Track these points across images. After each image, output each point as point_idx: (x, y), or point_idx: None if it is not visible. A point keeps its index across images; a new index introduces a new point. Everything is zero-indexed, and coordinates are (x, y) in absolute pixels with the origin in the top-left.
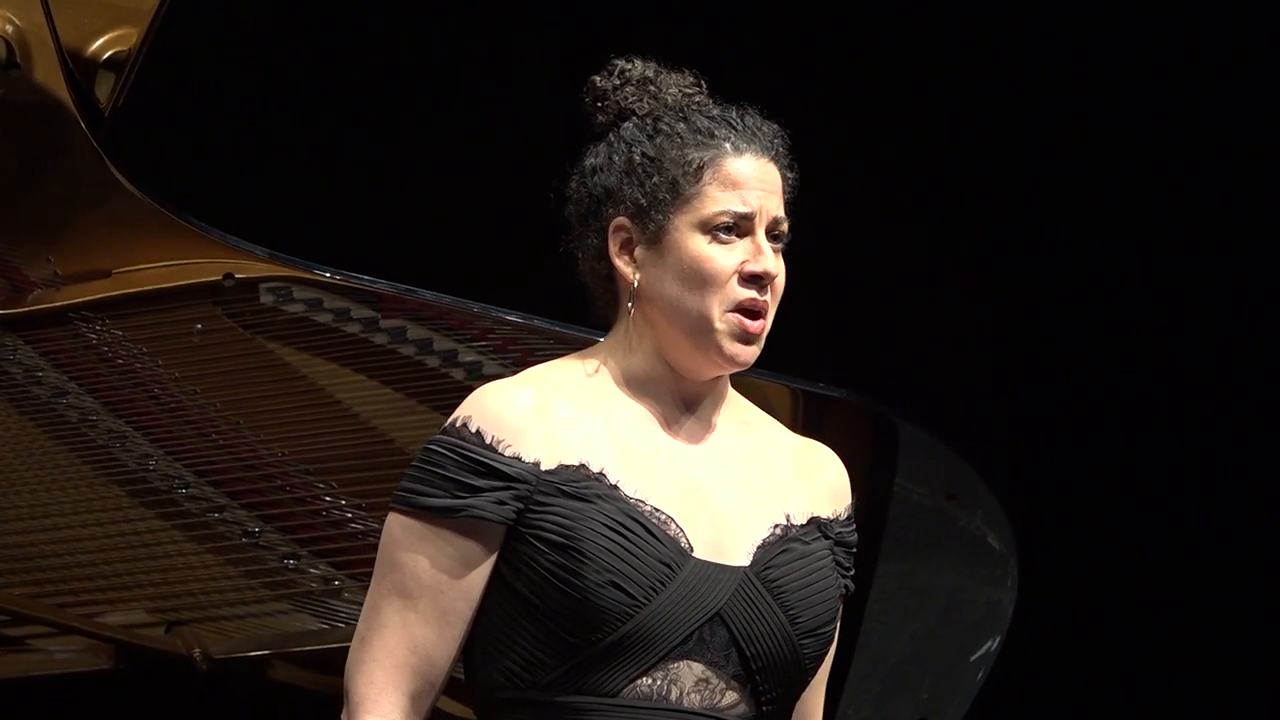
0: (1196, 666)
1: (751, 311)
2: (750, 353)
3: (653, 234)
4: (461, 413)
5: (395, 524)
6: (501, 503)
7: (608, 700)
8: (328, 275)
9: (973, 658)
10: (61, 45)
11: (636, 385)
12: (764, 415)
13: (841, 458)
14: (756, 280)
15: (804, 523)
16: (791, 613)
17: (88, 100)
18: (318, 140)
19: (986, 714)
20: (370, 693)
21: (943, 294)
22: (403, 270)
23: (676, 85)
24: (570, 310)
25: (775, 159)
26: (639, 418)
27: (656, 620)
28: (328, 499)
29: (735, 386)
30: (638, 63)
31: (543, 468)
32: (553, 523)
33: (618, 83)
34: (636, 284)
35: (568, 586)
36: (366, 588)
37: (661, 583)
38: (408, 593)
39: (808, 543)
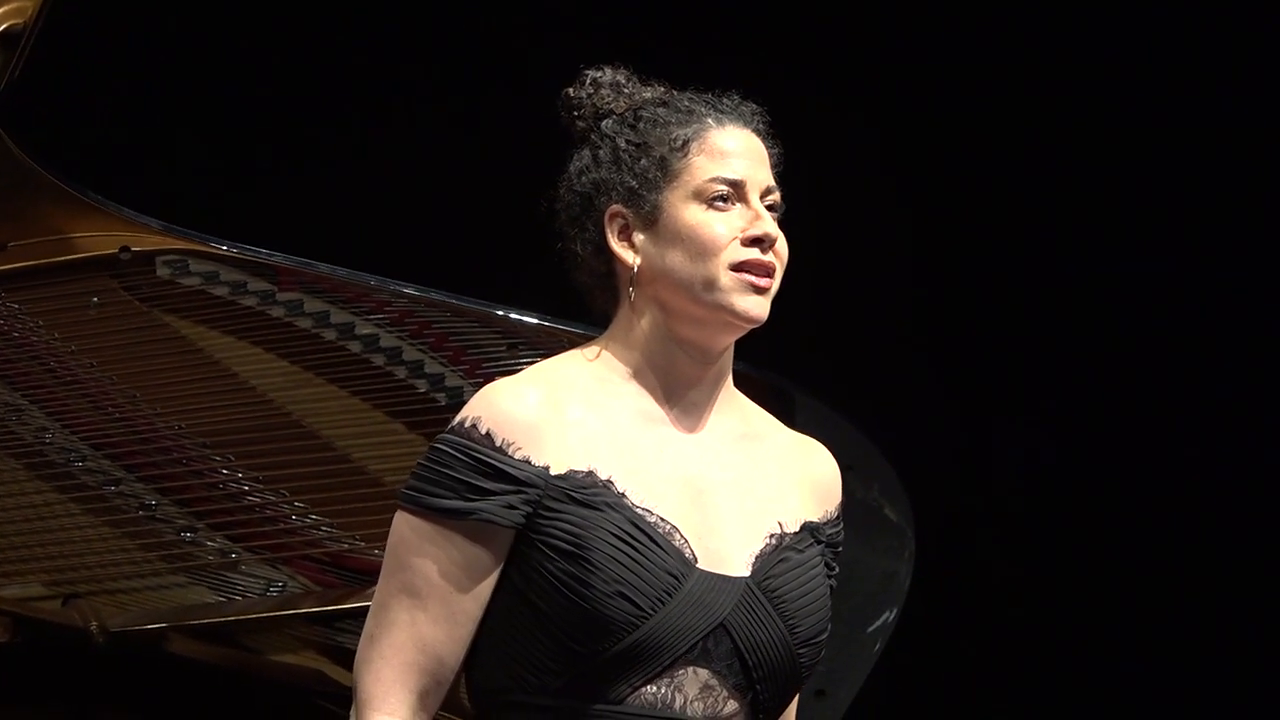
0: (1092, 638)
1: (756, 269)
2: (761, 305)
3: (648, 214)
4: (470, 412)
5: (403, 523)
6: (511, 507)
7: (613, 707)
8: (224, 248)
9: (870, 629)
10: None
11: (639, 373)
12: (760, 410)
13: None
14: (757, 243)
15: (797, 530)
16: (790, 622)
17: None
18: (213, 112)
19: (883, 686)
20: (378, 690)
21: (843, 265)
22: (300, 243)
23: (649, 90)
24: (466, 281)
25: (757, 132)
26: (642, 413)
27: (662, 631)
28: (225, 472)
29: None
30: (607, 69)
31: (552, 472)
32: (563, 530)
33: (591, 90)
34: (637, 268)
35: (575, 595)
36: (264, 560)
37: (668, 593)
38: (416, 592)
39: (801, 550)
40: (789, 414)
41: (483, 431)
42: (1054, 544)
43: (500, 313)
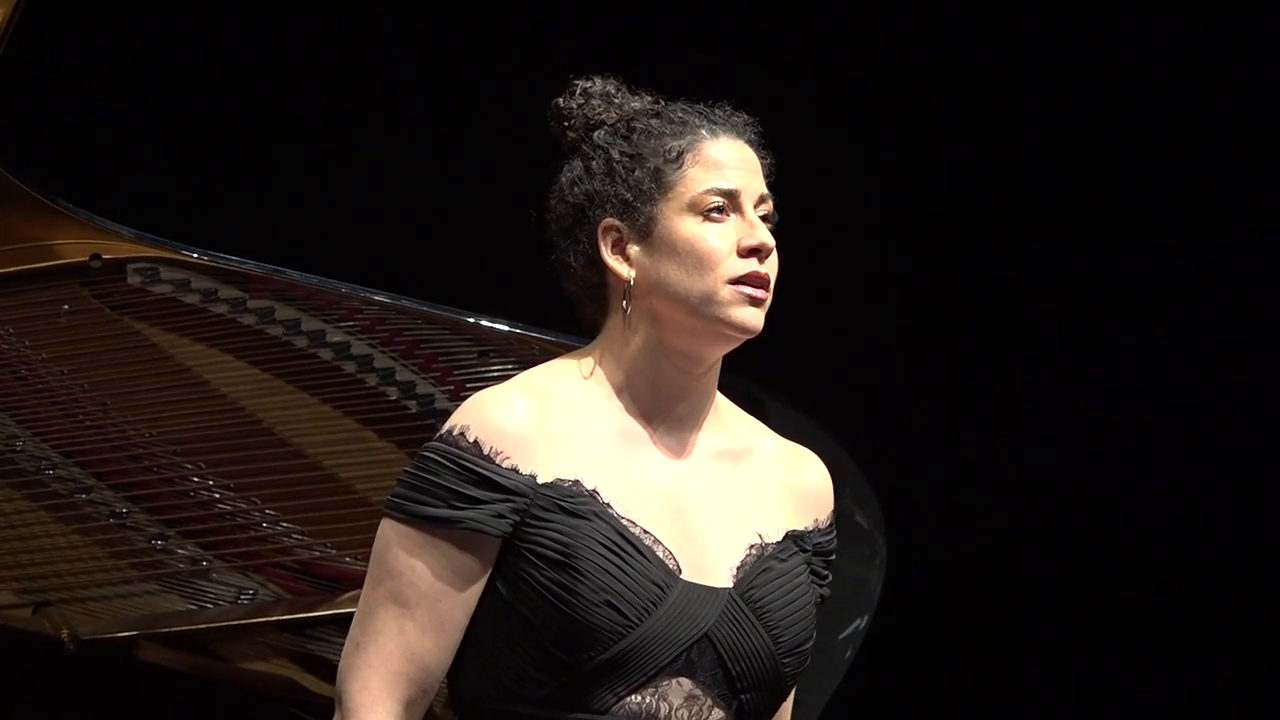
0: (1066, 647)
1: (754, 281)
2: (757, 317)
3: (643, 227)
4: (458, 421)
5: (390, 530)
6: (500, 516)
7: (597, 716)
8: (195, 255)
9: (841, 636)
10: None
11: (629, 385)
12: (750, 420)
13: None
14: (755, 252)
15: (779, 540)
16: (774, 632)
17: None
18: (185, 121)
19: (855, 693)
20: (365, 700)
21: (816, 271)
22: (271, 251)
23: (639, 101)
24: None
25: (750, 142)
26: (627, 427)
27: (648, 641)
28: (195, 479)
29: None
30: (597, 80)
31: (539, 481)
32: (550, 539)
33: (581, 100)
34: (632, 281)
35: (563, 604)
36: (234, 568)
37: (654, 603)
38: (404, 601)
39: (784, 559)
40: (760, 420)
41: (470, 440)
42: (1027, 552)
43: (471, 320)
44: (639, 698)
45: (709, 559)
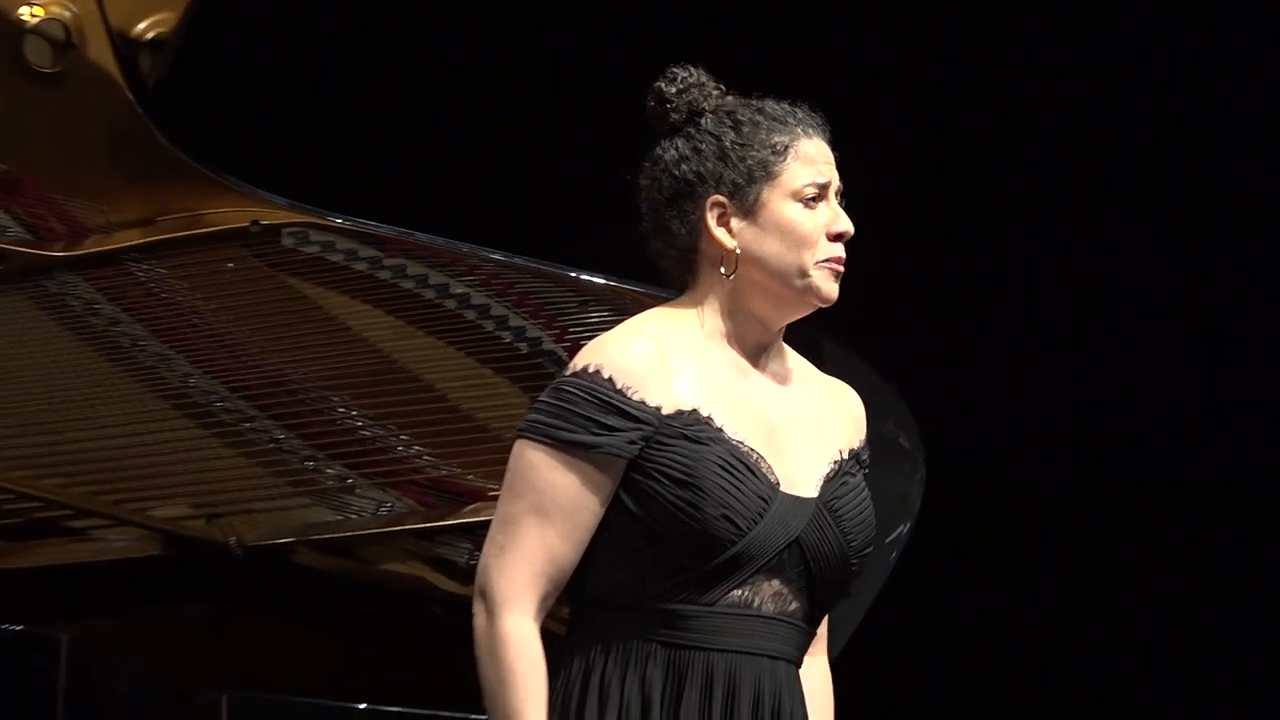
0: (1080, 568)
1: (837, 262)
2: (836, 290)
3: (750, 206)
4: (591, 359)
5: (531, 451)
6: (632, 442)
7: (705, 608)
8: (339, 221)
9: (886, 540)
10: (110, 27)
11: (726, 337)
12: (802, 360)
13: None
14: (840, 238)
15: (848, 457)
16: (849, 537)
17: (134, 74)
18: (331, 106)
19: (899, 589)
20: (513, 594)
21: (857, 207)
22: (402, 216)
23: (716, 88)
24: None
25: (828, 141)
26: (728, 365)
27: (754, 546)
28: (341, 410)
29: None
30: (690, 69)
31: (663, 412)
32: (676, 461)
33: (681, 87)
34: (738, 252)
35: (688, 518)
36: (374, 484)
37: (760, 514)
38: (545, 512)
39: (854, 475)
40: (819, 359)
41: (605, 376)
42: (1048, 489)
43: (572, 274)
44: (739, 592)
45: (798, 472)
